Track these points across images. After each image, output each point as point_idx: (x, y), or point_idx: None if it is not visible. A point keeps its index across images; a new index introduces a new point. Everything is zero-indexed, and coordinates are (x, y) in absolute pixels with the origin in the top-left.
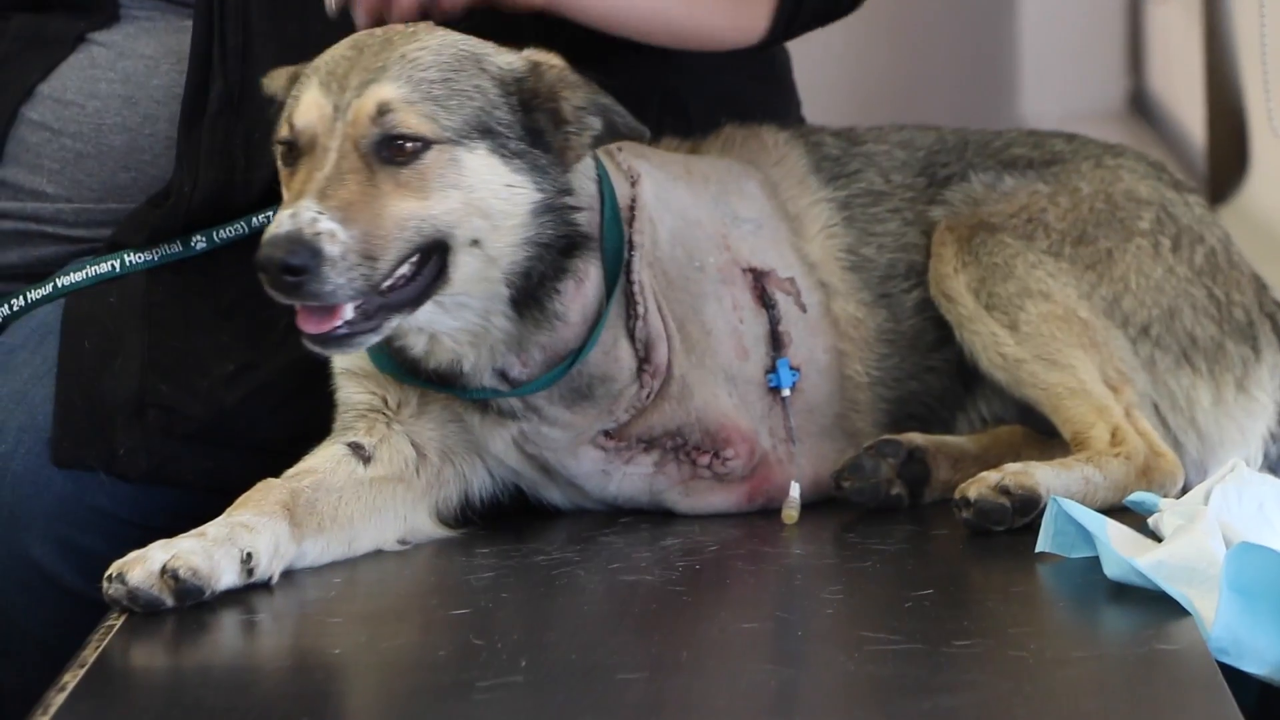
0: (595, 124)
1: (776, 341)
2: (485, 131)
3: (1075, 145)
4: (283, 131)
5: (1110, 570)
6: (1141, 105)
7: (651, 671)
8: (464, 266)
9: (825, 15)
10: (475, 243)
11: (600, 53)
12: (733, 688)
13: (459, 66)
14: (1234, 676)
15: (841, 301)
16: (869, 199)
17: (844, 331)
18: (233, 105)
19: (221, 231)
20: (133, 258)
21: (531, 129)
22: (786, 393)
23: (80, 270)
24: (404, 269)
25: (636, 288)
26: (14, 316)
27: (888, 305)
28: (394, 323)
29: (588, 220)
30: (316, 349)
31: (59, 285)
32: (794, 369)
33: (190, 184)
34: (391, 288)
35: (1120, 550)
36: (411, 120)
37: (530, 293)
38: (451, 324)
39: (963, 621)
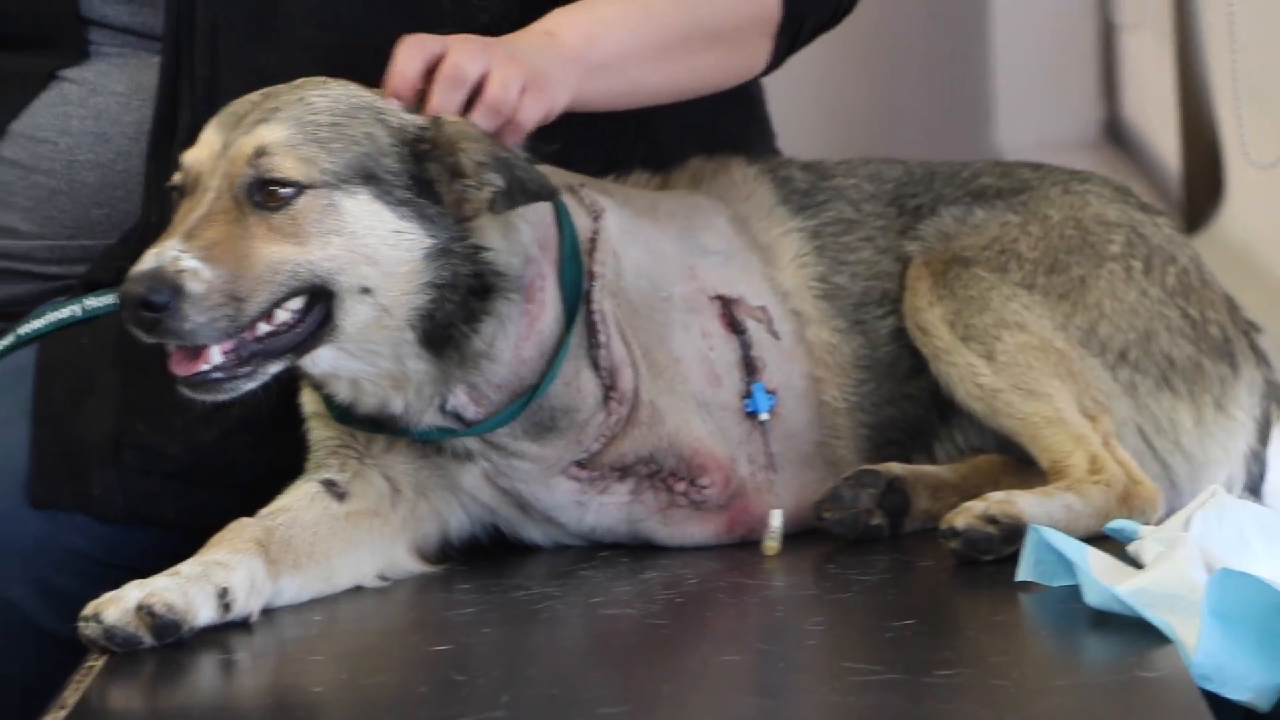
0: (496, 180)
1: (750, 366)
2: (368, 178)
3: (1042, 173)
4: (176, 176)
5: (1091, 598)
6: (1116, 134)
7: (633, 705)
8: (355, 314)
9: (821, 29)
10: (366, 290)
11: None
12: None
13: (353, 114)
14: (1217, 703)
15: (815, 329)
16: (840, 227)
17: (819, 358)
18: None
19: None
20: (93, 302)
21: (420, 179)
22: (765, 416)
23: (40, 317)
24: (285, 315)
25: (598, 317)
26: None
27: (862, 332)
28: (273, 369)
29: (510, 262)
30: (189, 392)
31: (20, 334)
32: (770, 393)
33: (157, 215)
34: (272, 334)
35: (1101, 578)
36: (286, 164)
37: (441, 335)
38: (363, 368)
39: (944, 651)
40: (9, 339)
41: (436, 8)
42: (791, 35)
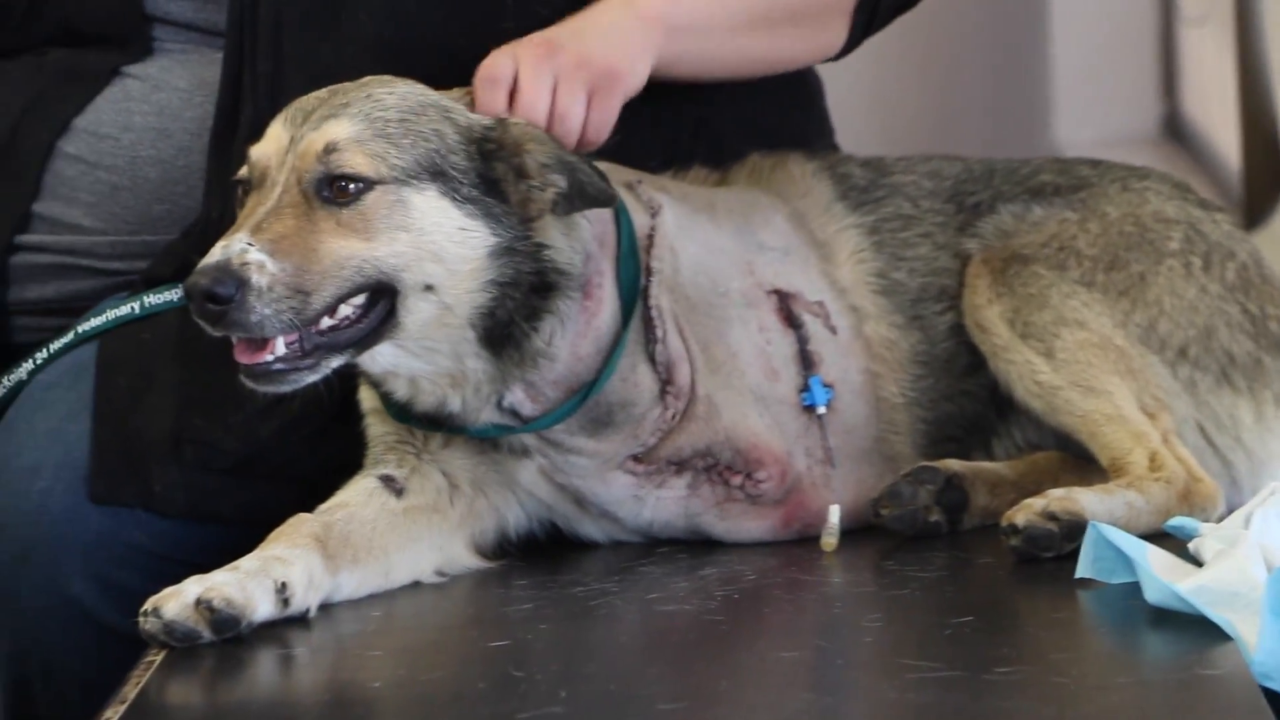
0: (559, 181)
1: (807, 361)
2: (436, 174)
3: (1101, 170)
4: (242, 170)
5: (1151, 595)
6: (1176, 129)
7: (691, 701)
8: (417, 312)
9: (899, 9)
10: (429, 288)
11: None
12: (773, 717)
13: (421, 111)
14: (1277, 701)
15: (873, 324)
16: (898, 223)
17: (877, 353)
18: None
19: None
20: (153, 298)
21: (487, 178)
22: (822, 410)
23: (100, 314)
24: (347, 310)
25: (654, 312)
26: (39, 369)
27: (920, 328)
28: (335, 363)
29: (572, 260)
30: (250, 383)
31: (80, 331)
32: (827, 386)
33: (219, 211)
34: (334, 328)
35: (1161, 575)
36: (356, 160)
37: (501, 333)
38: (422, 367)
39: (1003, 648)
40: (70, 336)
41: (499, 4)
42: (869, 13)
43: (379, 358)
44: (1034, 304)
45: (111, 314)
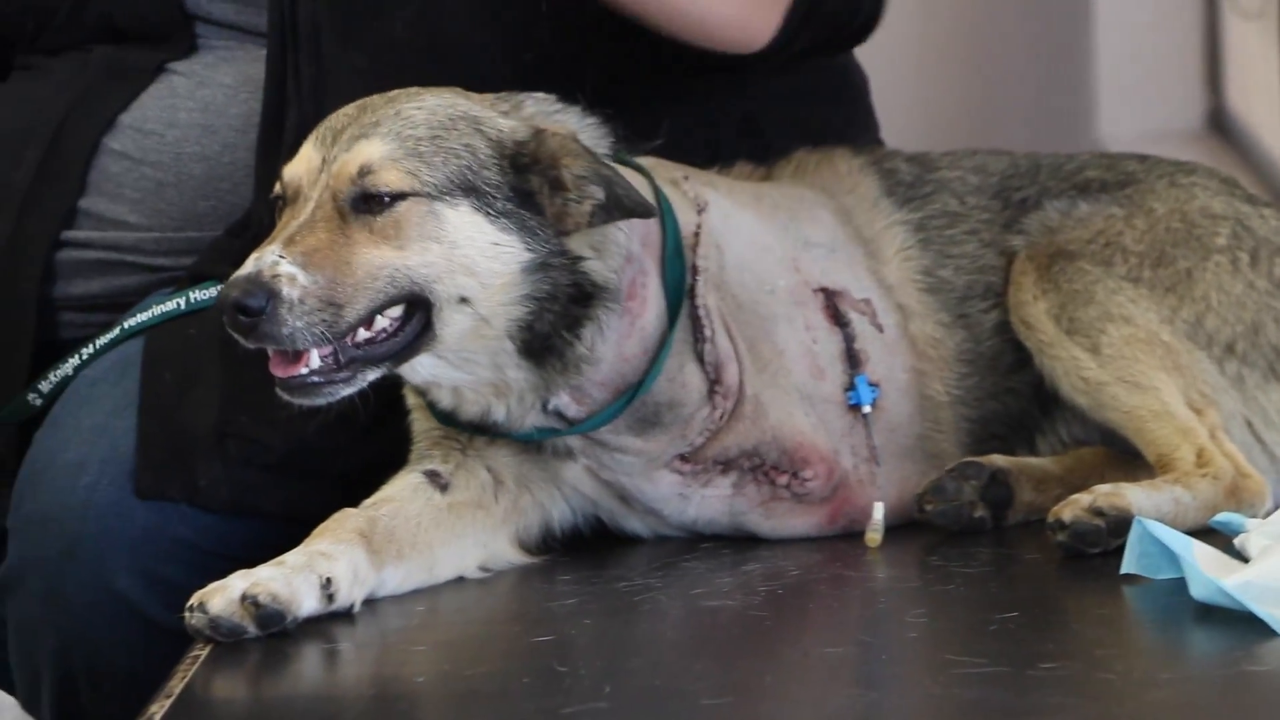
0: (597, 193)
1: (853, 359)
2: (469, 189)
3: (1148, 165)
4: (277, 187)
5: (1197, 591)
6: (1221, 124)
7: (735, 696)
8: (453, 324)
9: (828, 41)
10: (464, 300)
11: (676, 78)
12: (817, 712)
13: (451, 125)
14: None
15: (919, 322)
16: (945, 221)
17: (922, 351)
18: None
19: None
20: (197, 294)
21: (522, 190)
22: (867, 409)
23: (145, 310)
24: (384, 322)
25: (702, 311)
26: (84, 364)
27: (966, 326)
28: (371, 376)
29: (608, 272)
30: (286, 395)
31: (126, 327)
32: (873, 385)
33: (268, 214)
34: (371, 340)
35: (1207, 571)
36: (390, 177)
37: (542, 345)
38: (463, 377)
39: (1048, 644)
40: (115, 331)
41: (534, 11)
42: (803, 11)
43: (419, 369)
44: (1080, 300)
45: (157, 310)
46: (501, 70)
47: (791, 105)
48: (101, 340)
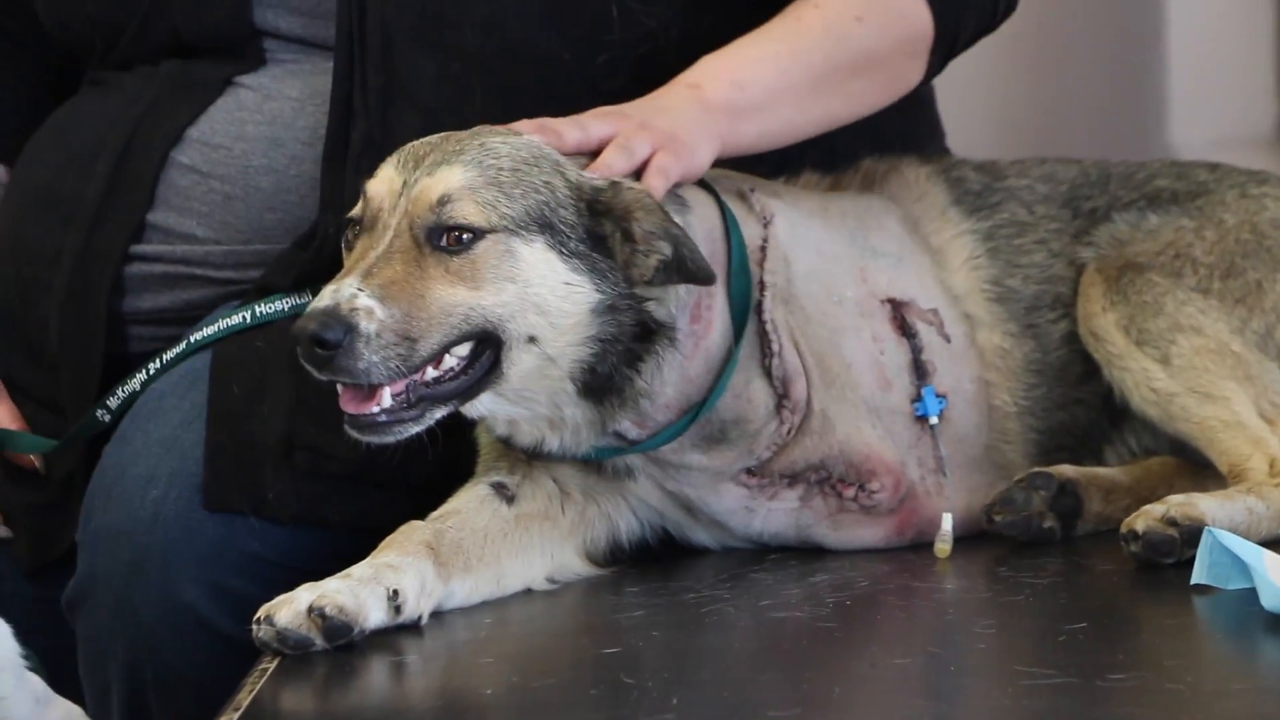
0: (665, 249)
1: (920, 370)
2: (545, 226)
3: (1219, 175)
4: (355, 209)
5: (1268, 601)
6: None
7: (803, 708)
8: (520, 363)
9: (978, 36)
10: (532, 339)
11: None
12: None
13: (533, 163)
14: None
15: (987, 332)
16: (1013, 230)
17: (990, 362)
18: (375, 146)
19: None
20: (263, 308)
21: (595, 234)
22: (934, 420)
23: (213, 323)
24: (452, 361)
25: (769, 326)
26: (152, 379)
27: (1034, 336)
28: (439, 414)
29: (671, 312)
30: (354, 433)
31: (192, 341)
32: (940, 396)
33: (334, 227)
34: (439, 379)
35: (1278, 581)
36: (469, 210)
37: (603, 384)
38: (521, 413)
39: (1118, 655)
40: (182, 346)
41: (604, 16)
42: (945, 51)
43: (478, 405)
44: (1149, 311)
45: (223, 323)
46: (572, 76)
47: None
48: (168, 355)
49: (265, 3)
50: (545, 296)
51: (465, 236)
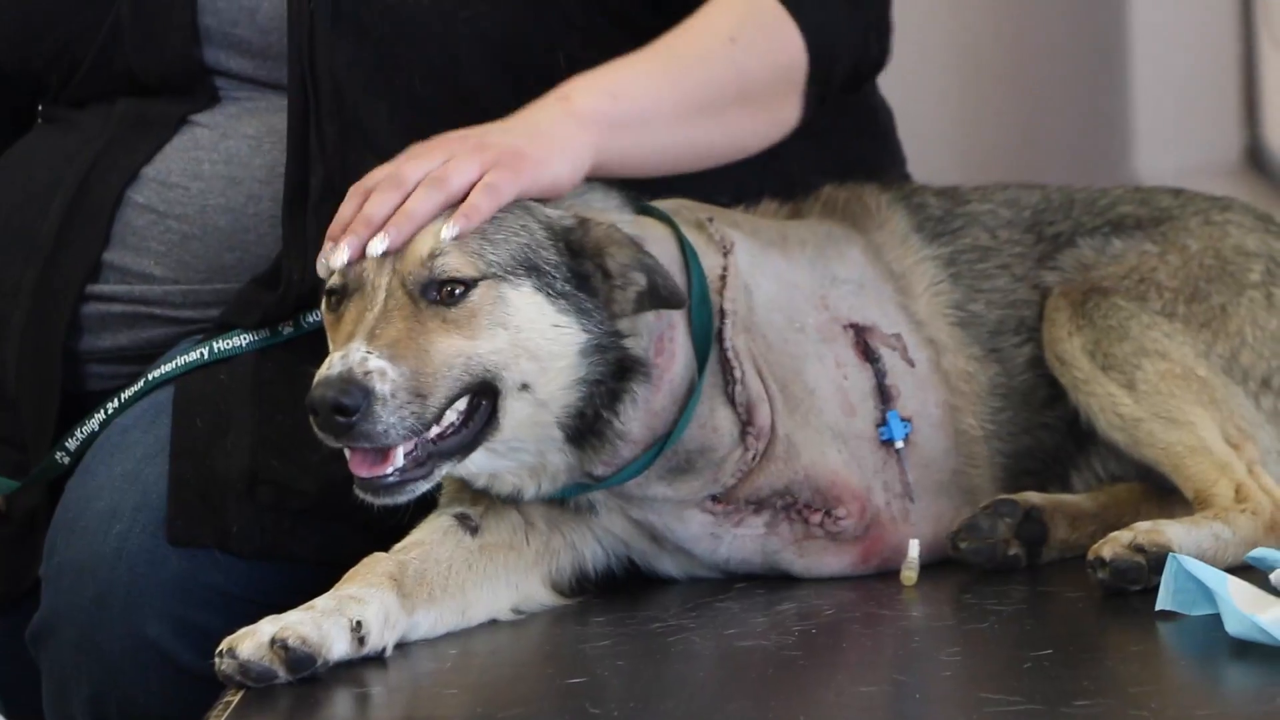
0: (640, 280)
1: (884, 395)
2: (531, 268)
3: (1182, 200)
4: (333, 279)
5: (1232, 627)
6: (1258, 159)
7: None
8: (514, 412)
9: (851, 83)
10: (525, 387)
11: None
12: None
13: (507, 209)
14: None
15: (951, 357)
16: (975, 255)
17: (955, 386)
18: (335, 191)
19: None
20: (221, 344)
21: (578, 273)
22: (900, 444)
23: (170, 361)
24: (452, 416)
25: (731, 353)
26: (110, 418)
27: (999, 360)
28: (444, 470)
29: (645, 347)
30: (367, 496)
31: (150, 378)
32: (905, 420)
33: (298, 271)
34: (442, 435)
35: (1242, 607)
36: (459, 262)
37: (587, 428)
38: (507, 465)
39: (1083, 681)
40: (140, 384)
41: (553, 65)
42: (821, 85)
43: (470, 462)
44: (1114, 336)
45: (181, 360)
46: None
47: (817, 141)
48: (126, 394)
49: (215, 43)
50: (536, 340)
51: (458, 290)
